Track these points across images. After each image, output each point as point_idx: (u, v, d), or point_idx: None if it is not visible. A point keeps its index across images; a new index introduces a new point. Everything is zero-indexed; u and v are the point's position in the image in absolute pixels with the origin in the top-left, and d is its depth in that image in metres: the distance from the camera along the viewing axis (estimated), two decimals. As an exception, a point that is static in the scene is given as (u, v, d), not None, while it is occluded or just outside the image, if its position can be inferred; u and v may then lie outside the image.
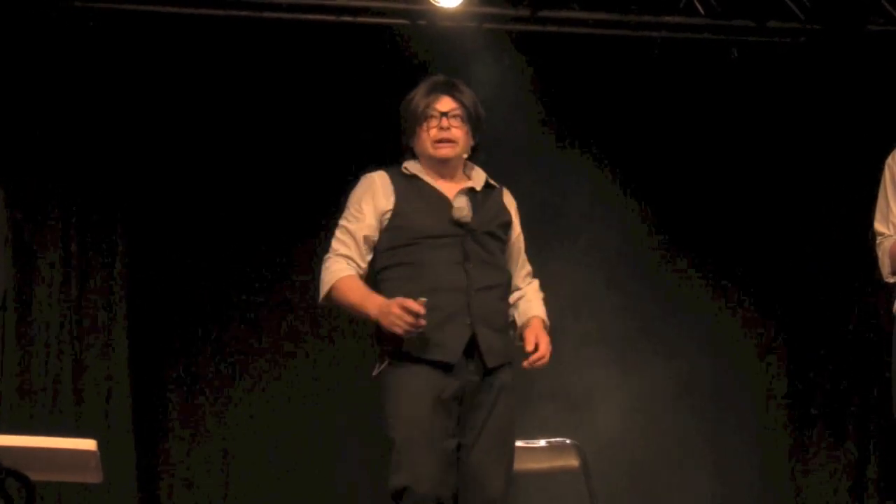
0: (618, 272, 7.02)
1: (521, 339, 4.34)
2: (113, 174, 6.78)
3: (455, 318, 4.14)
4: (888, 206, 4.87)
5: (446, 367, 4.13)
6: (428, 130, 4.30)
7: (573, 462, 5.40)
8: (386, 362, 4.20)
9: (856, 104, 7.04)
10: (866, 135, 6.85)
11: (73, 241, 6.72)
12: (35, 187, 6.66)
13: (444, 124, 4.28)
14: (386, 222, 4.26)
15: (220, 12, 6.77)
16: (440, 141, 4.28)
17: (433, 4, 6.68)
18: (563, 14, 6.98)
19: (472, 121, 4.36)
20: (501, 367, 4.22)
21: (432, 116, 4.29)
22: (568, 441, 5.41)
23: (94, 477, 3.99)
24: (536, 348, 4.25)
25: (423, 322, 4.04)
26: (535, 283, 4.49)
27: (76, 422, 6.54)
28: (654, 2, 6.96)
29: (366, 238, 4.26)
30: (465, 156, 4.38)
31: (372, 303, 4.15)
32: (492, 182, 4.43)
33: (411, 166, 4.35)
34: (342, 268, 4.25)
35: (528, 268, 4.50)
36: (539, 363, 4.24)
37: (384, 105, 4.80)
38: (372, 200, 4.27)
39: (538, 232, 6.76)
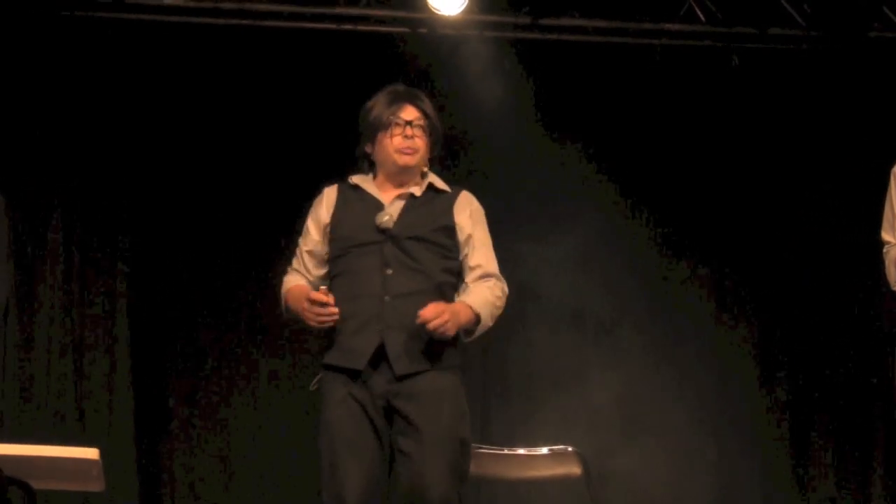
0: (618, 278, 7.02)
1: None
2: (115, 180, 6.80)
3: (368, 324, 4.15)
4: (894, 214, 4.86)
5: (357, 374, 4.14)
6: (391, 138, 4.31)
7: (575, 469, 5.39)
8: (319, 374, 4.26)
9: (858, 111, 7.04)
10: (868, 141, 6.85)
11: (75, 248, 6.73)
12: (36, 192, 6.67)
13: (409, 133, 4.29)
14: (329, 234, 4.34)
15: (222, 21, 6.79)
16: (403, 149, 4.29)
17: (434, 12, 6.68)
18: (564, 22, 6.99)
19: (433, 131, 4.36)
20: (426, 374, 4.15)
21: (396, 125, 4.30)
22: (570, 448, 5.40)
23: (96, 485, 3.98)
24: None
25: (333, 310, 4.11)
26: (490, 281, 4.30)
27: (78, 429, 6.55)
28: (654, 9, 6.96)
29: (310, 252, 4.36)
30: (425, 167, 4.37)
31: (302, 305, 4.24)
32: (440, 187, 4.37)
33: (355, 177, 4.39)
34: (291, 279, 4.40)
35: (484, 269, 4.31)
36: (430, 326, 4.06)
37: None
38: (315, 216, 4.39)
39: (538, 237, 6.84)
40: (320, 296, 4.12)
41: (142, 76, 6.80)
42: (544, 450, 5.45)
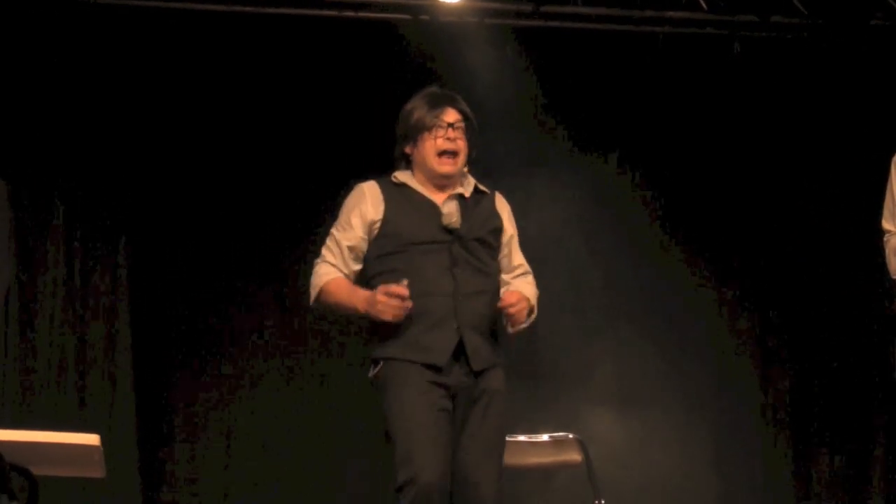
0: (619, 270, 7.02)
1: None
2: (117, 170, 6.79)
3: (444, 322, 4.24)
4: (894, 203, 4.86)
5: (436, 369, 4.22)
6: (434, 140, 4.37)
7: (576, 456, 5.40)
8: (381, 364, 4.30)
9: (858, 99, 7.03)
10: (869, 129, 6.85)
11: (77, 237, 6.73)
12: (38, 182, 6.67)
13: (451, 135, 4.36)
14: (376, 231, 4.37)
15: (223, 8, 6.78)
16: (445, 152, 4.36)
17: (436, 0, 6.68)
18: (566, 9, 6.99)
19: (472, 132, 4.44)
20: (490, 370, 4.29)
21: (439, 127, 4.36)
22: (570, 435, 5.41)
23: (97, 472, 3.99)
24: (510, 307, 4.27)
25: (409, 304, 4.17)
26: (529, 277, 4.51)
27: (79, 416, 6.55)
28: (656, -3, 6.98)
29: (350, 248, 4.38)
30: (465, 168, 4.44)
31: (358, 297, 4.28)
32: (482, 188, 4.48)
33: (400, 175, 4.43)
34: (329, 271, 4.38)
35: (522, 267, 4.51)
36: (511, 311, 4.25)
37: (386, 100, 4.80)
38: (360, 211, 4.38)
39: (541, 231, 6.83)
40: (401, 290, 4.16)
41: (142, 63, 6.78)
42: (545, 436, 5.46)
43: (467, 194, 4.41)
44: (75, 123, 6.71)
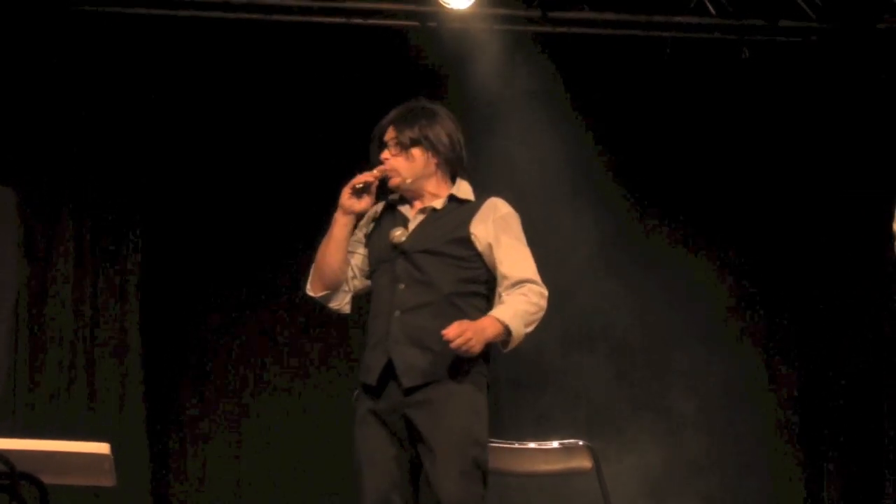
0: (627, 275, 7.01)
1: None
2: (127, 172, 6.82)
3: (380, 342, 4.22)
4: (905, 207, 4.84)
5: (374, 390, 4.21)
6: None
7: (586, 463, 5.38)
8: (357, 389, 4.33)
9: (868, 102, 7.02)
10: (878, 133, 6.84)
11: (86, 240, 6.74)
12: (47, 185, 6.69)
13: (385, 155, 4.34)
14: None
15: (231, 15, 6.80)
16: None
17: (443, 6, 6.68)
18: (574, 15, 6.98)
19: (418, 144, 4.31)
20: (433, 384, 4.16)
21: (383, 147, 4.37)
22: (581, 442, 5.39)
23: (107, 480, 3.98)
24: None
25: (374, 174, 4.26)
26: (524, 287, 4.23)
27: (90, 424, 6.55)
28: (664, 2, 6.96)
29: (353, 265, 4.40)
30: (410, 181, 4.31)
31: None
32: (463, 198, 4.35)
33: (393, 195, 4.43)
34: None
35: (514, 277, 4.23)
36: (453, 346, 4.05)
37: (395, 106, 4.78)
38: (361, 230, 4.44)
39: (545, 234, 6.82)
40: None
41: (151, 71, 6.81)
42: (555, 443, 5.43)
43: (439, 206, 4.32)
44: (85, 123, 6.75)
